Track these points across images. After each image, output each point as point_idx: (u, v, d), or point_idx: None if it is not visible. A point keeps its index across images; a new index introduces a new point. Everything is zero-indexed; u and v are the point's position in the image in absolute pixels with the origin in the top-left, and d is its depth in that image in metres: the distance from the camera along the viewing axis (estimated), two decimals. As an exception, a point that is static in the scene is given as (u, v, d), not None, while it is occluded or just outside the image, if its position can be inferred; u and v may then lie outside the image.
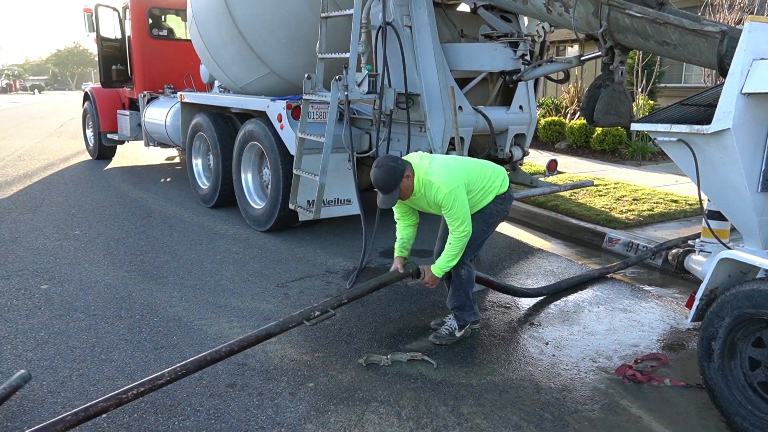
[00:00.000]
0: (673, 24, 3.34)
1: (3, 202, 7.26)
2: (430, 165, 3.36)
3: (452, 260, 3.40)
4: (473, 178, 3.43)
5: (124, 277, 4.67)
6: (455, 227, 3.33)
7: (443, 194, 3.26)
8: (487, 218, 3.52)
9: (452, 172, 3.35)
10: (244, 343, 2.91)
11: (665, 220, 6.18)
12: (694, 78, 13.98)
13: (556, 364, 3.37)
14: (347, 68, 4.70)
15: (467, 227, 3.32)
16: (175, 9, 9.84)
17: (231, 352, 2.88)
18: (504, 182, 3.56)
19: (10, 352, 3.38)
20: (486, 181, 3.47)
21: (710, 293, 2.90)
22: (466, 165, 3.51)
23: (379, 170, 3.25)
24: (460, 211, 3.29)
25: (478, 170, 3.49)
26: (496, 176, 3.54)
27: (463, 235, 3.33)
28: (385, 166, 3.26)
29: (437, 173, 3.31)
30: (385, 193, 3.27)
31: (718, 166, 2.94)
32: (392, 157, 3.38)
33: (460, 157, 3.67)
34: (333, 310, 3.22)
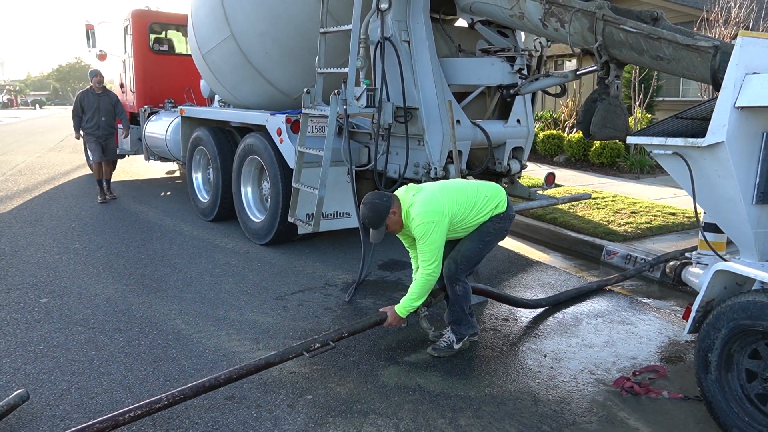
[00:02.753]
0: (666, 39, 3.39)
1: (4, 216, 7.29)
2: (414, 197, 3.39)
3: (416, 300, 3.40)
4: (463, 207, 3.42)
5: (124, 290, 4.68)
6: (424, 263, 3.32)
7: (416, 225, 3.29)
8: (483, 236, 3.51)
9: (433, 205, 3.34)
10: (243, 372, 2.94)
11: (663, 232, 6.21)
12: (692, 92, 14.08)
13: (555, 376, 3.37)
14: (346, 83, 4.75)
15: (436, 268, 3.31)
16: (175, 24, 9.96)
17: (229, 379, 2.90)
18: (501, 204, 3.54)
19: (9, 366, 3.38)
20: (479, 206, 3.47)
21: (706, 305, 2.92)
22: (455, 194, 3.46)
23: (366, 207, 3.32)
24: (431, 246, 3.28)
25: (470, 197, 3.47)
26: (492, 199, 3.52)
27: (429, 275, 3.32)
28: (370, 204, 3.32)
29: (417, 205, 3.33)
30: (374, 229, 3.34)
31: (713, 179, 2.96)
32: (379, 194, 3.41)
33: (453, 185, 3.58)
34: (333, 343, 3.23)
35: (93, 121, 8.21)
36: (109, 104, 8.32)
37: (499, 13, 4.60)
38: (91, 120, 8.21)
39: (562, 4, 4.05)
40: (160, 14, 9.83)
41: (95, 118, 8.20)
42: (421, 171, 4.95)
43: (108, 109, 8.31)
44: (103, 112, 8.25)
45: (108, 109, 8.31)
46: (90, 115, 8.19)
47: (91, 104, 8.18)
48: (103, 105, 8.24)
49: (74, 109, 8.26)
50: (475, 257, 3.55)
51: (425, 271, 3.32)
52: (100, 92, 8.23)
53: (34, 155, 14.29)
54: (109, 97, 8.36)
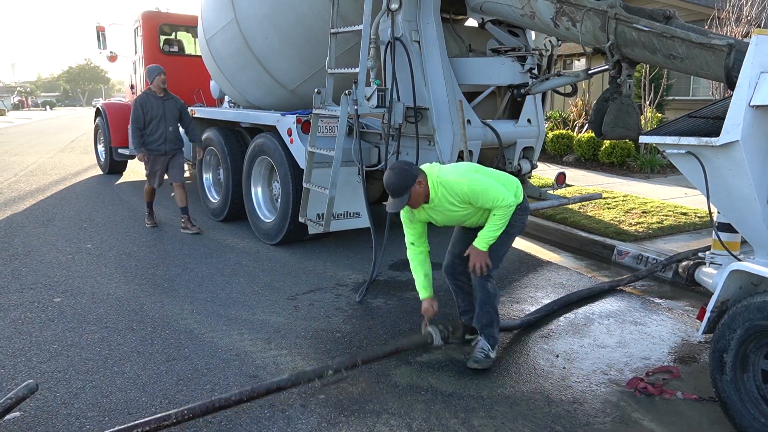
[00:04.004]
0: (680, 38, 3.37)
1: (17, 216, 7.35)
2: (441, 169, 3.39)
3: (498, 229, 3.30)
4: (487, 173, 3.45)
5: (136, 290, 4.71)
6: (498, 205, 3.25)
7: (465, 186, 3.25)
8: (508, 229, 3.41)
9: (462, 167, 3.44)
10: (253, 394, 2.91)
11: (675, 232, 6.17)
12: (702, 91, 13.99)
13: (567, 376, 3.36)
14: (356, 83, 4.75)
15: (509, 197, 3.25)
16: (185, 25, 10.00)
17: (240, 401, 2.87)
18: (519, 191, 3.49)
19: (24, 364, 3.41)
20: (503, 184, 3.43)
21: (721, 305, 2.89)
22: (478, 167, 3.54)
23: (392, 173, 3.23)
24: (491, 190, 3.25)
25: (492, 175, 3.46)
26: (509, 186, 3.44)
27: (508, 206, 3.26)
28: (398, 169, 3.23)
29: (450, 172, 3.33)
30: (395, 197, 3.22)
31: (728, 178, 2.94)
32: (406, 162, 3.38)
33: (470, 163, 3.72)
34: (346, 372, 3.18)
35: (158, 132, 6.41)
36: (175, 110, 6.52)
37: (510, 13, 4.59)
38: (156, 131, 6.40)
39: (574, 3, 4.04)
40: (170, 16, 9.88)
41: (161, 128, 6.40)
42: (431, 171, 4.94)
43: (175, 116, 6.52)
44: (169, 120, 6.46)
45: (175, 116, 6.53)
46: (154, 126, 6.39)
47: (155, 111, 6.36)
48: (169, 111, 6.45)
49: (134, 120, 6.39)
50: (502, 251, 3.51)
51: (505, 207, 3.25)
52: (163, 95, 6.44)
53: (46, 156, 14.41)
54: (174, 100, 6.53)
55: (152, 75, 6.43)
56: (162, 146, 6.47)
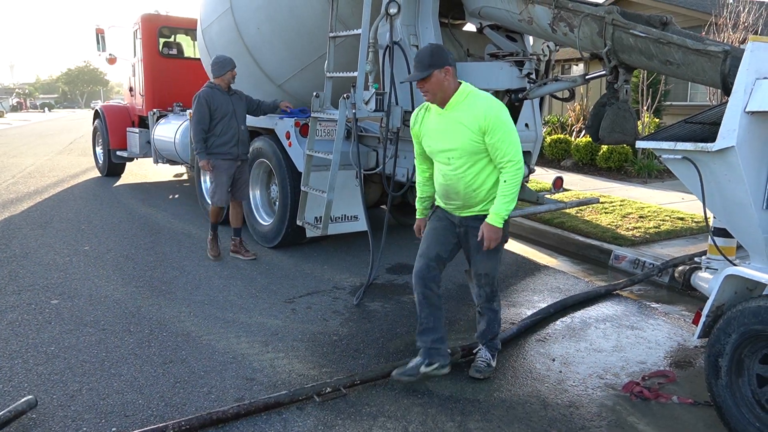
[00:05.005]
0: (676, 44, 3.39)
1: (14, 218, 7.35)
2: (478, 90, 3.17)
3: (511, 202, 3.02)
4: None
5: (133, 292, 4.71)
6: (510, 160, 2.97)
7: (496, 109, 3.00)
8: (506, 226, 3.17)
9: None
10: (251, 408, 2.91)
11: (672, 237, 6.19)
12: (700, 96, 14.05)
13: (563, 380, 3.37)
14: (355, 87, 4.77)
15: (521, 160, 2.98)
16: (184, 28, 10.03)
17: (238, 415, 2.87)
18: None
19: (21, 366, 3.41)
20: None
21: (717, 310, 2.91)
22: None
23: (430, 47, 3.08)
24: (512, 137, 2.98)
25: None
26: None
27: (518, 168, 2.97)
28: (436, 47, 3.08)
29: (486, 95, 3.13)
30: (417, 70, 3.03)
31: (723, 184, 2.96)
32: (449, 51, 3.22)
33: None
34: (345, 390, 3.14)
35: (229, 133, 5.37)
36: (243, 105, 5.58)
37: (507, 18, 4.61)
38: (227, 131, 5.35)
39: (572, 8, 4.06)
40: (169, 18, 9.91)
41: (232, 127, 5.39)
42: (429, 175, 4.95)
43: (244, 113, 5.58)
44: (240, 117, 5.49)
45: (244, 114, 5.59)
46: (224, 125, 5.34)
47: (224, 107, 5.35)
48: (239, 109, 5.49)
49: (199, 121, 5.28)
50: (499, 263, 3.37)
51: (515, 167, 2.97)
52: (228, 90, 5.49)
53: (44, 158, 14.40)
54: (239, 94, 5.59)
55: (223, 68, 5.38)
56: (234, 149, 5.44)
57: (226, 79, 5.41)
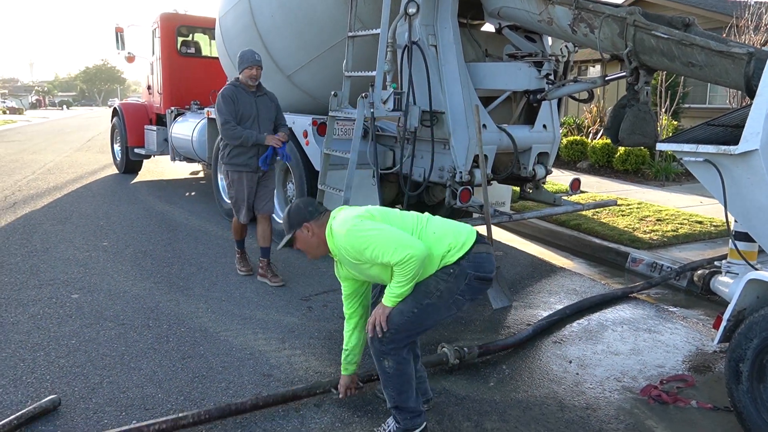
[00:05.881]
0: (699, 45, 3.37)
1: (35, 213, 7.46)
2: (338, 215, 2.69)
3: (402, 285, 2.50)
4: (396, 223, 2.61)
5: (152, 287, 4.76)
6: (396, 263, 2.44)
7: (344, 238, 2.54)
8: (421, 297, 2.55)
9: (354, 212, 2.64)
10: (269, 400, 2.94)
11: (690, 241, 6.13)
12: (719, 99, 13.89)
13: (580, 382, 3.35)
14: (373, 86, 4.78)
15: (406, 250, 2.41)
16: (202, 27, 10.11)
17: (255, 406, 2.90)
18: (455, 249, 2.56)
19: (43, 359, 3.47)
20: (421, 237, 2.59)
21: (738, 314, 2.88)
22: (390, 212, 2.70)
23: (289, 207, 2.82)
24: (376, 242, 2.46)
25: (410, 222, 2.65)
26: (443, 239, 2.58)
27: (406, 263, 2.42)
28: (294, 207, 2.79)
29: (339, 219, 2.65)
30: (286, 232, 2.79)
31: (746, 187, 2.94)
32: (310, 201, 2.85)
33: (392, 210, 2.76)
34: (362, 384, 3.14)
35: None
36: (270, 109, 4.91)
37: (527, 18, 4.60)
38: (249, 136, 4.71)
39: (592, 9, 4.04)
40: (187, 17, 9.99)
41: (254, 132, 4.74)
42: (446, 175, 4.95)
43: (271, 116, 4.91)
44: (264, 122, 4.83)
45: (271, 117, 4.90)
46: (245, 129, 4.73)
47: (245, 110, 4.74)
48: (263, 110, 4.84)
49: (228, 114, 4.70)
50: (406, 325, 2.55)
51: (403, 263, 2.42)
52: (255, 90, 4.84)
53: (63, 154, 14.59)
54: (269, 96, 4.94)
55: (241, 63, 4.76)
56: (253, 160, 4.77)
57: (248, 76, 4.73)
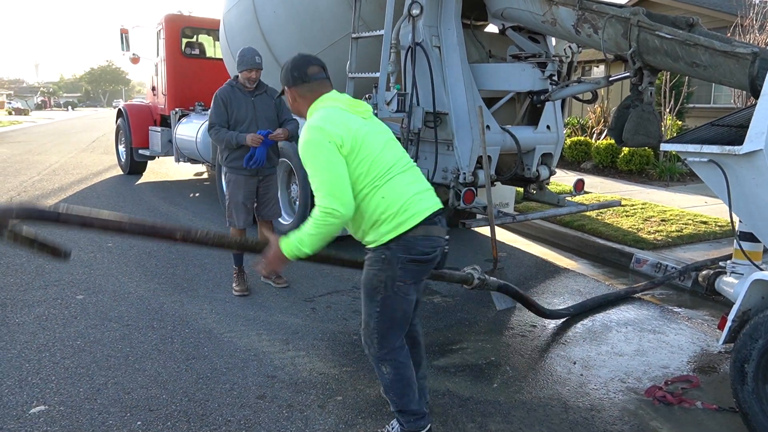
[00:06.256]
0: (703, 45, 3.36)
1: (39, 214, 7.48)
2: (323, 104, 2.52)
3: (308, 234, 2.36)
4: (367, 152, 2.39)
5: (156, 288, 4.78)
6: (319, 206, 2.33)
7: (301, 139, 2.41)
8: (373, 295, 2.50)
9: (330, 119, 2.40)
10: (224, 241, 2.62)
11: (694, 241, 6.11)
12: (724, 98, 13.84)
13: (585, 383, 3.35)
14: (377, 87, 4.79)
15: (335, 204, 2.30)
16: (207, 29, 10.13)
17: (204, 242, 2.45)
18: (412, 214, 2.40)
19: (48, 359, 3.48)
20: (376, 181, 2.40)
21: (743, 315, 2.87)
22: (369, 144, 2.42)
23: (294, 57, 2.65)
24: (319, 177, 2.33)
25: (386, 162, 2.43)
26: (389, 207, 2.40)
27: (327, 215, 2.30)
28: (288, 62, 2.61)
29: (316, 115, 2.47)
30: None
31: (751, 187, 2.93)
32: (301, 63, 2.58)
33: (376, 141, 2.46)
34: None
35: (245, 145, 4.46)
36: (270, 108, 4.62)
37: (531, 19, 4.60)
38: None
39: (596, 10, 4.04)
40: (192, 19, 10.02)
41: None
42: (449, 176, 4.96)
43: (271, 116, 4.61)
44: (262, 123, 4.54)
45: (271, 117, 4.61)
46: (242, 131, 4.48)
47: (243, 111, 4.51)
48: (262, 109, 4.57)
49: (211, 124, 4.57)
50: (382, 324, 2.49)
51: (320, 207, 2.33)
52: (253, 89, 4.58)
53: (68, 155, 14.64)
54: (268, 94, 4.64)
55: (241, 64, 4.51)
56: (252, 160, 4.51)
57: (245, 77, 4.51)
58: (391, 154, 2.50)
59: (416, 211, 2.43)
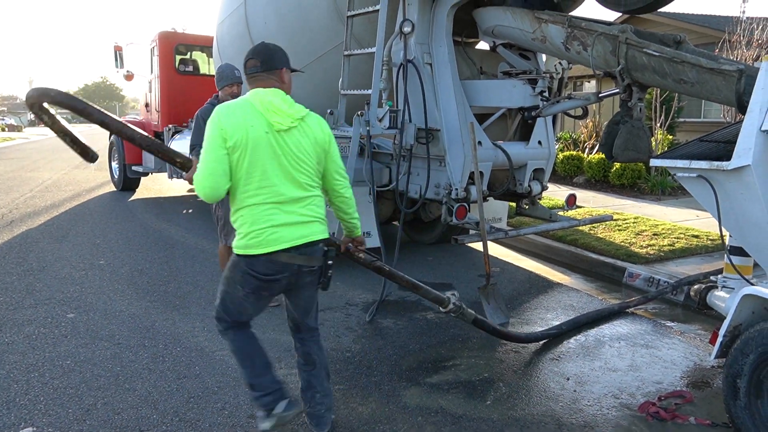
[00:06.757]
0: (690, 63, 3.41)
1: (31, 231, 7.45)
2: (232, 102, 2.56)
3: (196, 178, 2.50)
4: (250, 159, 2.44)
5: (148, 306, 4.74)
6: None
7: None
8: (220, 283, 2.74)
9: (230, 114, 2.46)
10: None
11: (686, 255, 6.14)
12: (714, 113, 13.99)
13: (578, 399, 3.34)
14: (369, 104, 4.82)
15: (199, 181, 2.45)
16: (200, 46, 10.19)
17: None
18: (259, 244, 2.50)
19: (37, 380, 3.44)
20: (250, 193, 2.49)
21: (734, 330, 2.88)
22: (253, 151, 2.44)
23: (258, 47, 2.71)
24: (202, 155, 2.46)
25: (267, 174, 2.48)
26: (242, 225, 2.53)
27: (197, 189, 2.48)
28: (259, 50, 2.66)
29: (225, 105, 2.54)
30: None
31: (739, 202, 2.95)
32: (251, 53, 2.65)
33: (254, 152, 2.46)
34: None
35: None
36: None
37: (521, 37, 4.65)
38: None
39: (585, 27, 4.09)
40: (185, 36, 10.08)
41: None
42: (442, 192, 4.97)
43: None
44: None
45: None
46: None
47: None
48: None
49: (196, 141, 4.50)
50: (220, 307, 2.79)
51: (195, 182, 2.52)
52: None
53: (60, 172, 14.60)
54: None
55: (220, 80, 4.51)
56: None
57: (226, 93, 4.44)
58: (275, 176, 2.49)
59: (265, 243, 2.51)
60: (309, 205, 2.61)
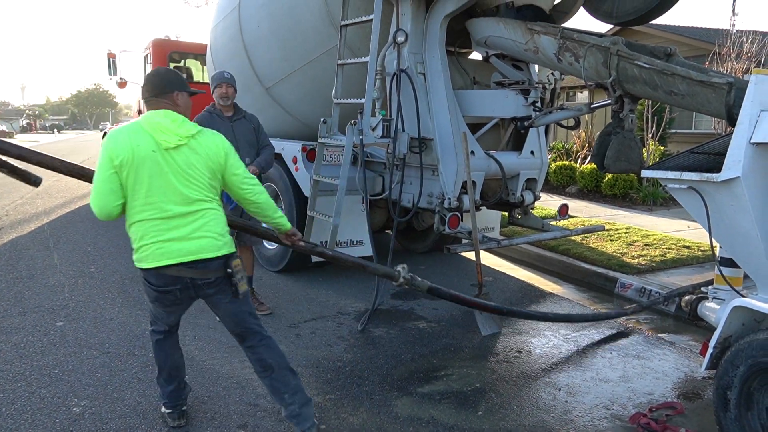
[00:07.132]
0: (680, 75, 3.43)
1: (21, 239, 7.39)
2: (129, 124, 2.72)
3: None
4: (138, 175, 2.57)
5: (138, 314, 4.71)
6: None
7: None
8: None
9: (118, 136, 2.61)
10: None
11: (678, 266, 6.17)
12: (705, 124, 14.10)
13: (569, 410, 3.33)
14: (362, 113, 4.82)
15: (91, 200, 2.60)
16: (194, 53, 10.19)
17: None
18: (146, 257, 2.66)
19: (24, 389, 3.40)
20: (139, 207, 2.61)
21: (724, 341, 2.89)
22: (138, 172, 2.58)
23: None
24: (97, 165, 2.61)
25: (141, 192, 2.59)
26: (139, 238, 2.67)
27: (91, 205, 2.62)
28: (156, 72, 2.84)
29: (120, 126, 2.73)
30: None
31: (729, 214, 2.97)
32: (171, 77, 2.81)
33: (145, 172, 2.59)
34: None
35: None
36: (250, 133, 4.60)
37: (514, 47, 4.68)
38: None
39: (577, 39, 4.12)
40: (179, 44, 10.09)
41: None
42: (434, 201, 4.97)
43: (251, 141, 4.59)
44: (244, 149, 4.40)
45: (251, 142, 4.58)
46: None
47: None
48: (242, 137, 4.51)
49: None
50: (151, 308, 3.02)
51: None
52: (232, 113, 4.59)
53: (52, 179, 14.50)
54: (248, 119, 4.65)
55: (212, 84, 4.55)
56: None
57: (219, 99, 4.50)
58: (160, 192, 2.61)
59: (152, 258, 2.66)
60: (200, 219, 2.69)
